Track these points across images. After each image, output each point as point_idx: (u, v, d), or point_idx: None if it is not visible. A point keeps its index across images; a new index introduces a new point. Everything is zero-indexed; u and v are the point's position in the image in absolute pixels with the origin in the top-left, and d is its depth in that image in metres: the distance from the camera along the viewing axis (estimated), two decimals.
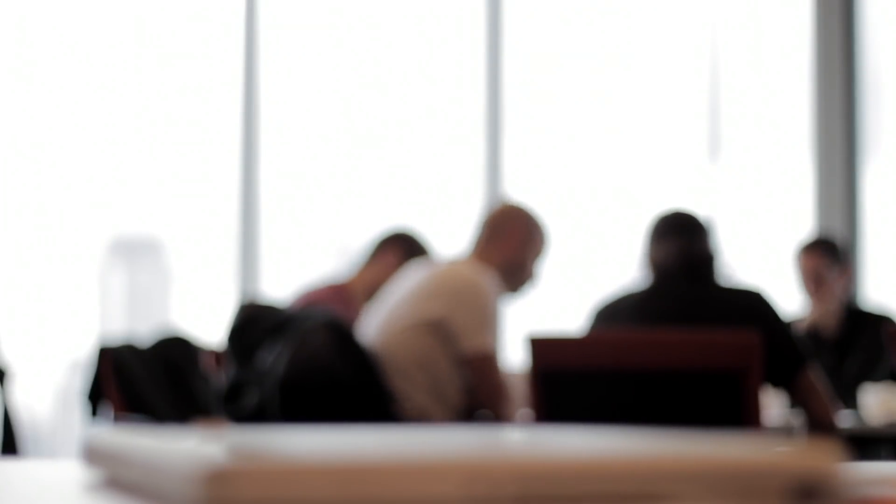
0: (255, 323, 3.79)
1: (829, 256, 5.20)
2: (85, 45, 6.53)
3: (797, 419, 3.75)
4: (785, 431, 3.86)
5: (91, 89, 6.51)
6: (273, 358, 3.69)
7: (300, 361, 3.66)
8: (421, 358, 3.85)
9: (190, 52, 6.66)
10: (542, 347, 3.20)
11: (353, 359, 3.75)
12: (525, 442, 0.60)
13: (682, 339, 3.14)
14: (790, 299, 5.68)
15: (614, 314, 3.67)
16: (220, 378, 3.88)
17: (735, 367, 3.05)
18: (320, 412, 3.64)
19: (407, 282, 3.99)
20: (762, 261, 7.00)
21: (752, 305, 3.53)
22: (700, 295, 3.60)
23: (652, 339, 3.16)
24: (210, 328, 3.91)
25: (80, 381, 4.54)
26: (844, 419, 4.53)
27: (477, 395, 3.89)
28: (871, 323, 5.05)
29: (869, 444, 4.53)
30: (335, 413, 3.65)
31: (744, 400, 3.04)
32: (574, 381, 3.18)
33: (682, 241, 3.66)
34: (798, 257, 5.24)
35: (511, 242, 4.03)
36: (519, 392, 3.96)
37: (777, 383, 3.54)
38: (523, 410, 3.84)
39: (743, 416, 3.04)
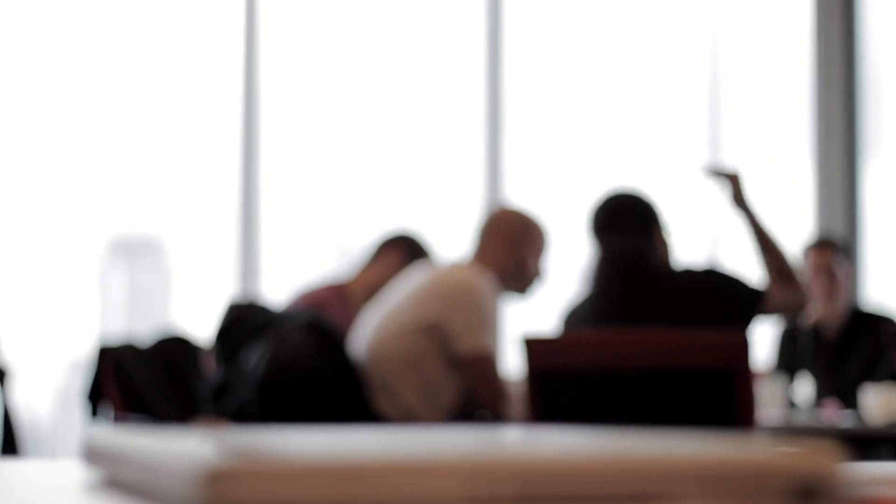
0: (241, 323, 3.80)
1: (838, 254, 5.21)
2: (85, 44, 6.53)
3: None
4: (781, 431, 3.87)
5: (91, 89, 6.51)
6: (255, 358, 3.70)
7: (280, 362, 3.66)
8: (413, 358, 3.86)
9: (190, 52, 6.66)
10: (537, 348, 3.21)
11: (333, 359, 3.75)
12: (525, 442, 0.60)
13: (675, 338, 3.14)
14: None
15: (578, 319, 3.69)
16: (212, 377, 3.89)
17: (728, 366, 3.05)
18: (299, 412, 3.65)
19: (406, 284, 4.00)
20: None
21: (705, 280, 3.56)
22: (656, 288, 3.60)
23: (646, 339, 3.16)
24: (210, 328, 3.91)
25: (80, 381, 4.54)
26: (845, 419, 4.54)
27: (476, 395, 3.90)
28: (872, 323, 5.06)
29: (869, 444, 4.53)
30: (314, 413, 3.65)
31: (737, 399, 3.05)
32: (569, 381, 3.18)
33: (618, 235, 3.66)
34: (807, 255, 5.23)
35: (509, 245, 4.04)
36: (518, 393, 3.96)
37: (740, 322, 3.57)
38: (521, 411, 3.85)
39: (737, 416, 3.04)
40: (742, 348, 3.07)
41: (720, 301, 3.54)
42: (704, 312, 3.51)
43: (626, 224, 3.69)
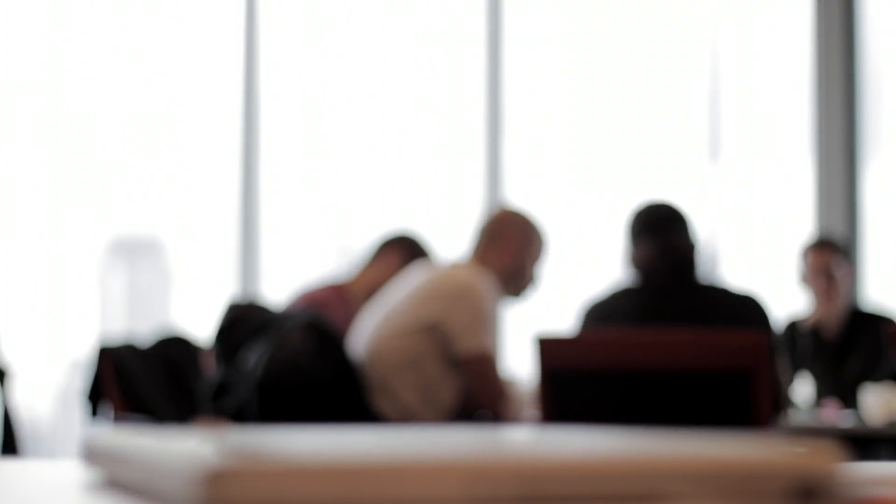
0: (241, 323, 3.80)
1: (838, 255, 5.21)
2: (85, 44, 6.53)
3: None
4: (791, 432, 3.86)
5: (91, 89, 6.51)
6: (255, 358, 3.70)
7: (279, 362, 3.66)
8: (413, 358, 3.85)
9: (190, 52, 6.66)
10: (550, 347, 3.20)
11: (332, 360, 3.75)
12: (525, 442, 0.60)
13: (691, 339, 3.13)
14: (790, 299, 5.68)
15: (605, 315, 3.67)
16: (211, 377, 3.89)
17: (745, 367, 3.05)
18: (299, 412, 3.65)
19: (406, 284, 4.00)
20: (762, 261, 7.00)
21: (747, 311, 3.54)
22: (694, 297, 3.60)
23: (661, 340, 3.15)
24: (210, 328, 3.91)
25: (80, 381, 4.54)
26: (845, 419, 4.53)
27: (475, 395, 3.89)
28: (872, 323, 5.06)
29: (869, 444, 4.53)
30: (314, 413, 3.65)
31: (753, 401, 3.04)
32: (582, 381, 3.17)
33: (662, 239, 3.66)
34: (806, 255, 5.24)
35: (509, 247, 4.04)
36: (522, 393, 3.96)
37: None
38: (529, 411, 3.84)
39: (752, 417, 3.04)
40: (760, 349, 3.07)
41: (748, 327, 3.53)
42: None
43: (678, 225, 3.69)
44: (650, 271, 3.65)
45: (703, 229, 6.99)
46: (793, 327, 5.22)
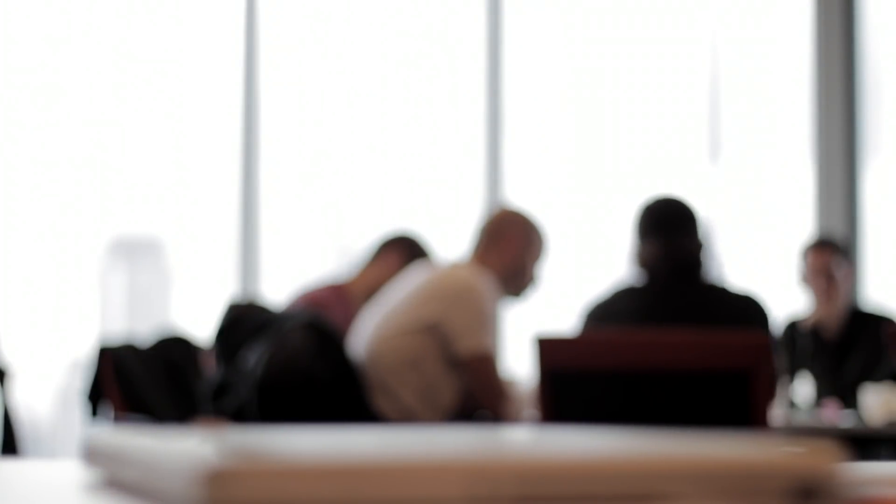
0: (241, 323, 3.80)
1: (838, 255, 5.21)
2: (85, 44, 6.53)
3: None
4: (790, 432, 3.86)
5: (91, 89, 6.51)
6: (255, 358, 3.70)
7: (279, 362, 3.66)
8: (414, 359, 3.85)
9: (190, 52, 6.66)
10: (550, 347, 3.20)
11: (332, 360, 3.75)
12: (525, 442, 0.60)
13: (691, 339, 3.13)
14: (790, 299, 5.68)
15: (607, 315, 3.67)
16: (211, 377, 3.90)
17: (744, 367, 3.05)
18: (299, 412, 3.65)
19: (405, 284, 4.00)
20: (762, 261, 7.00)
21: (747, 310, 3.54)
22: (695, 296, 3.60)
23: (661, 340, 3.15)
24: (210, 328, 3.91)
25: (80, 381, 4.54)
26: (845, 419, 4.54)
27: (475, 395, 3.90)
28: (872, 323, 5.06)
29: (869, 444, 4.53)
30: (313, 413, 3.65)
31: (752, 401, 3.04)
32: (582, 381, 3.17)
33: (669, 239, 3.65)
34: (806, 255, 5.24)
35: (510, 247, 4.04)
36: (522, 393, 3.96)
37: None
38: (529, 411, 3.84)
39: (751, 417, 3.04)
40: (760, 349, 3.06)
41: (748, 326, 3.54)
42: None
43: (687, 224, 3.68)
44: (654, 270, 3.65)
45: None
46: (793, 327, 5.22)
